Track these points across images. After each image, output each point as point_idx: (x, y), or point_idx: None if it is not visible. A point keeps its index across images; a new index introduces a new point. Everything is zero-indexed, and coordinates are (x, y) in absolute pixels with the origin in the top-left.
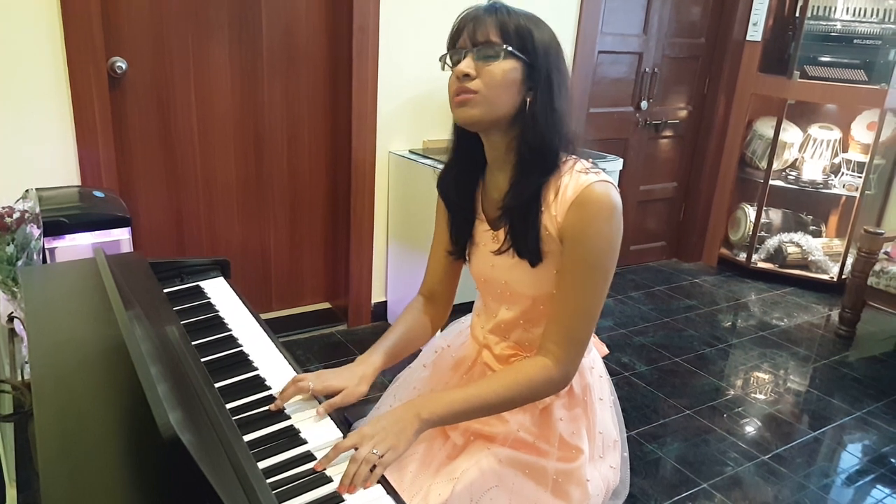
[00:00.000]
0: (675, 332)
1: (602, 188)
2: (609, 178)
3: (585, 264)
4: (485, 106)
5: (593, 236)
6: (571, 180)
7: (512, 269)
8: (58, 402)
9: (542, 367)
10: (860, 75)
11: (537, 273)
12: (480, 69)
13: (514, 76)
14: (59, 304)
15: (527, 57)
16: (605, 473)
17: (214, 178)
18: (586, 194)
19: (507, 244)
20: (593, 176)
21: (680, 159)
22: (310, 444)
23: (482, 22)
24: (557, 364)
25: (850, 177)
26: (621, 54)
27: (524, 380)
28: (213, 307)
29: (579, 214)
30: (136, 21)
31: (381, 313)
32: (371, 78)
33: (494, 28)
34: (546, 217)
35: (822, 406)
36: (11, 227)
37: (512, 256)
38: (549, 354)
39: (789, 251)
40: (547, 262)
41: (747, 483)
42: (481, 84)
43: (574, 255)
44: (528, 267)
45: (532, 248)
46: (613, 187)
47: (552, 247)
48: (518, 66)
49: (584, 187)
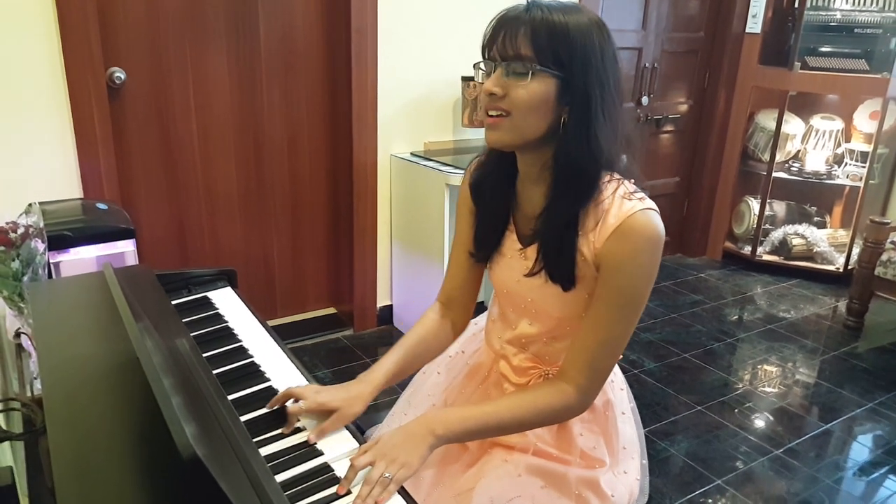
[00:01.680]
0: (683, 327)
1: (645, 218)
2: (653, 206)
3: (619, 295)
4: (513, 131)
5: (632, 268)
6: (613, 206)
7: (541, 289)
8: (70, 420)
9: (561, 393)
10: (861, 65)
11: (568, 296)
12: (508, 88)
13: (544, 96)
14: (67, 320)
15: (561, 72)
16: (630, 485)
17: (216, 186)
18: (629, 224)
19: (539, 267)
20: (637, 203)
21: (681, 154)
22: (326, 456)
23: (515, 29)
24: (577, 391)
25: (854, 167)
26: (620, 50)
27: (542, 404)
28: (222, 318)
29: (620, 245)
30: (133, 31)
31: (387, 317)
32: (370, 81)
33: (527, 39)
34: (583, 243)
35: (833, 398)
36: (16, 242)
37: (543, 278)
38: (570, 381)
39: (794, 243)
40: (580, 287)
41: (761, 478)
42: (510, 105)
43: (609, 284)
44: (559, 289)
45: (566, 275)
46: (657, 215)
47: (586, 272)
48: (551, 83)
49: (628, 216)
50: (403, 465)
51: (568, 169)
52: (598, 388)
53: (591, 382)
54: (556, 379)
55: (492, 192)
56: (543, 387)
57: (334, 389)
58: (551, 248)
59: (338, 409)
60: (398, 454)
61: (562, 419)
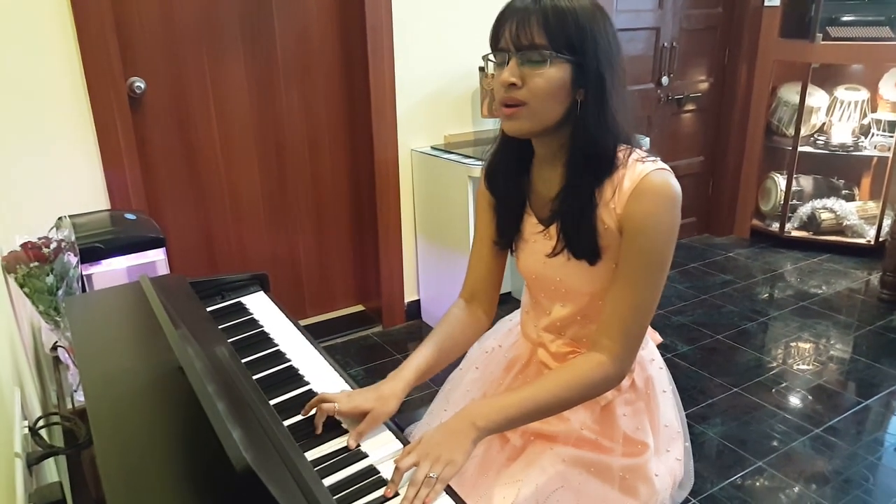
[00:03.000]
0: (714, 308)
1: (660, 176)
2: (665, 166)
3: (644, 256)
4: (533, 119)
5: (653, 227)
6: (628, 171)
7: (566, 267)
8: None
9: (597, 364)
10: (885, 32)
11: (595, 269)
12: (526, 76)
13: (562, 82)
14: (105, 332)
15: (575, 57)
16: (672, 466)
17: (240, 191)
18: (645, 184)
19: (562, 245)
20: (650, 164)
21: (705, 132)
22: (371, 458)
23: (526, 18)
24: (613, 360)
25: (881, 137)
26: (638, 31)
27: (580, 378)
28: (257, 323)
29: (639, 205)
30: (150, 40)
31: (415, 312)
32: (388, 76)
33: (539, 27)
34: (604, 212)
35: (871, 373)
36: (49, 257)
37: (567, 256)
38: (604, 350)
39: (823, 217)
40: (606, 258)
41: (803, 458)
42: (528, 94)
43: (633, 246)
44: (585, 264)
45: (589, 249)
46: (671, 174)
47: (611, 241)
48: (567, 68)
49: (643, 177)
50: (448, 463)
51: (586, 147)
52: (634, 355)
53: (625, 349)
54: (589, 352)
55: (506, 178)
56: (578, 362)
57: (366, 391)
58: (572, 226)
59: (371, 409)
60: (442, 452)
61: (602, 391)
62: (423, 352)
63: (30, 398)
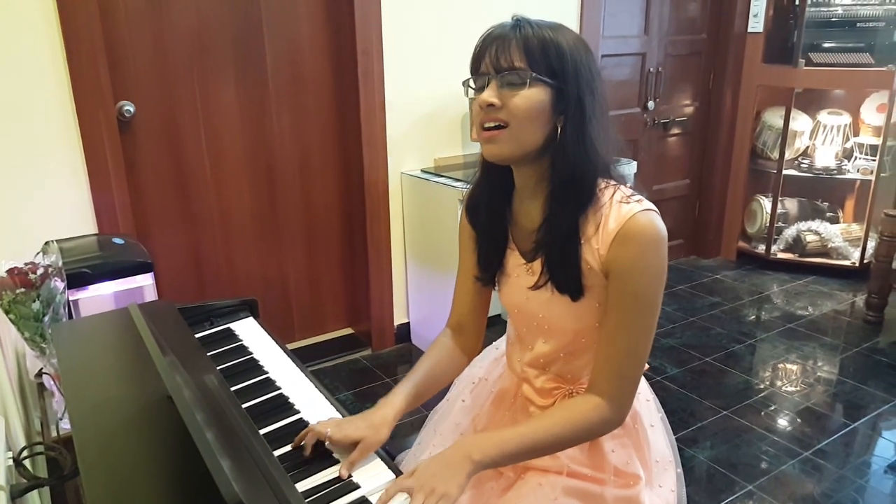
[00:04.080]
0: (702, 331)
1: (645, 218)
2: (652, 206)
3: (634, 299)
4: (513, 142)
5: (641, 270)
6: (612, 211)
7: (549, 303)
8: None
9: (595, 407)
10: (866, 58)
11: (578, 307)
12: (505, 98)
13: (542, 104)
14: (93, 360)
15: (555, 81)
16: (667, 498)
17: (229, 214)
18: (630, 226)
19: (545, 279)
20: (636, 205)
21: (690, 156)
22: (363, 489)
23: (506, 44)
24: (611, 403)
25: (864, 160)
26: (624, 56)
27: (579, 420)
28: (247, 350)
29: (625, 248)
30: (140, 64)
31: (405, 335)
32: (378, 100)
33: (519, 51)
34: (587, 251)
35: (859, 395)
36: (36, 283)
37: (550, 291)
38: (602, 394)
39: (808, 239)
40: (588, 296)
41: (792, 480)
42: (508, 114)
43: (621, 290)
44: (568, 301)
45: (572, 284)
46: (656, 215)
47: (595, 281)
48: (546, 91)
49: (627, 219)
50: (443, 496)
51: (566, 176)
52: (631, 398)
53: (622, 392)
54: (587, 394)
55: (488, 212)
56: (576, 403)
57: (356, 419)
58: (555, 258)
59: (363, 437)
60: (437, 484)
61: (599, 433)
62: (412, 379)
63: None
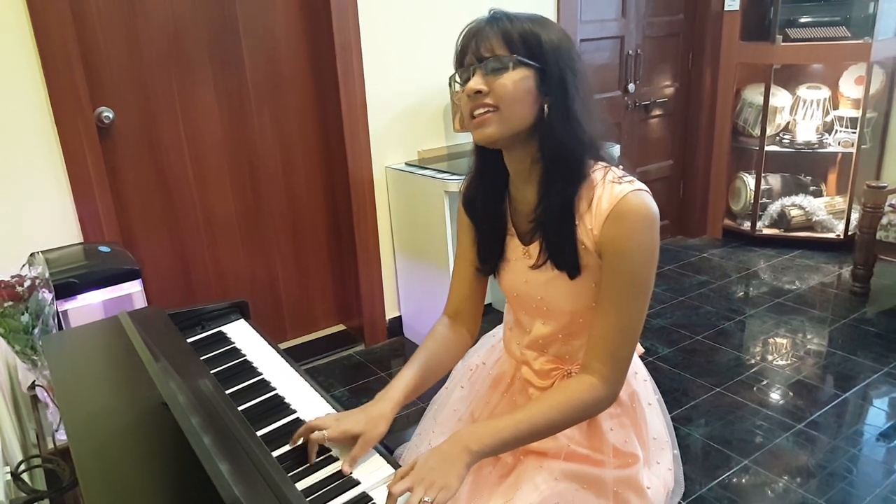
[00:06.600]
0: (692, 309)
1: (638, 198)
2: (643, 186)
3: (627, 279)
4: (502, 123)
5: (634, 250)
6: (605, 191)
7: (547, 284)
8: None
9: (589, 386)
10: (842, 32)
11: (575, 286)
12: (491, 83)
13: (526, 85)
14: (85, 370)
15: (537, 62)
16: (664, 476)
17: (214, 215)
18: (622, 206)
19: (544, 258)
20: (627, 185)
21: (673, 137)
22: (363, 485)
23: (485, 35)
24: (604, 382)
25: (845, 133)
26: (603, 40)
27: (573, 401)
28: (240, 352)
29: (617, 228)
30: (117, 69)
31: (397, 328)
32: (359, 95)
33: (499, 39)
34: (581, 230)
35: (849, 366)
36: (24, 295)
37: (548, 270)
38: (594, 373)
39: (793, 214)
40: (585, 275)
41: (787, 453)
42: (495, 98)
43: (615, 269)
44: (565, 281)
45: (570, 261)
46: (648, 195)
47: (590, 260)
48: (529, 73)
49: (620, 199)
50: (443, 488)
51: (555, 154)
52: (623, 376)
53: (615, 371)
54: (580, 374)
55: (484, 203)
56: (570, 384)
57: (355, 414)
58: (553, 236)
59: (362, 432)
60: (436, 477)
61: (594, 413)
62: (409, 371)
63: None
